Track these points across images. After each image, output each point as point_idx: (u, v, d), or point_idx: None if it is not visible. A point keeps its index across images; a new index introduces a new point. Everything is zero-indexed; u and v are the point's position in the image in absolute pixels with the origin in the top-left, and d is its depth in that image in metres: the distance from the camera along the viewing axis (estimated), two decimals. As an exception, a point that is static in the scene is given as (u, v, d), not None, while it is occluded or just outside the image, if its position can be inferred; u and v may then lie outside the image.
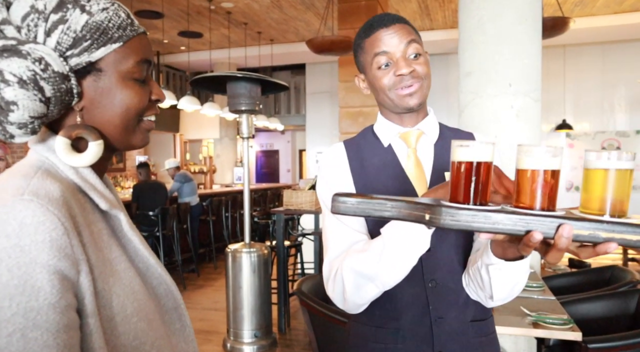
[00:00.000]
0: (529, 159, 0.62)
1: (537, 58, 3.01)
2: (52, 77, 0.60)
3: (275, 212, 3.85)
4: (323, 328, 2.16)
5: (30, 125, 0.61)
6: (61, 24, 0.62)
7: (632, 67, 8.09)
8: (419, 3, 6.97)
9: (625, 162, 0.59)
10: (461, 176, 0.65)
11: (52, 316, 0.53)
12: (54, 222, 0.55)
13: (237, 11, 7.21)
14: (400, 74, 0.98)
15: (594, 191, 0.60)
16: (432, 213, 0.63)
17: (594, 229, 0.58)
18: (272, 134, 13.82)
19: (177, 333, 0.74)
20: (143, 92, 0.69)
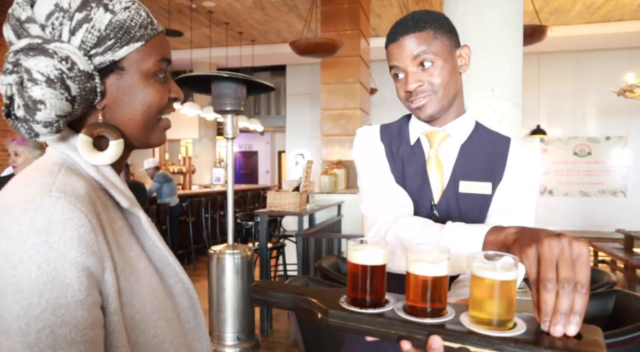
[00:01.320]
0: (416, 266, 0.64)
1: (518, 64, 3.09)
2: (78, 76, 0.60)
3: (258, 213, 3.84)
4: (311, 330, 2.17)
5: (55, 124, 0.61)
6: (86, 23, 0.62)
7: (603, 76, 8.37)
8: (400, 7, 7.06)
9: (510, 273, 0.59)
10: (356, 276, 0.69)
11: (80, 313, 0.53)
12: (81, 219, 0.55)
13: (219, 11, 7.16)
14: (407, 91, 0.99)
15: (480, 298, 0.61)
16: (322, 314, 0.68)
17: (462, 343, 0.59)
18: (251, 135, 13.75)
19: (192, 332, 0.74)
20: (164, 90, 0.70)
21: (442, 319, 0.63)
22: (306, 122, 10.17)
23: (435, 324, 0.62)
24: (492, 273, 0.59)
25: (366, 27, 6.55)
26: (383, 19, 7.61)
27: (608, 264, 6.15)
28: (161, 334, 0.64)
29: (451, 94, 1.01)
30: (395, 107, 9.38)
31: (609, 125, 8.63)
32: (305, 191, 4.04)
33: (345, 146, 6.26)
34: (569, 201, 8.74)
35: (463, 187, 1.02)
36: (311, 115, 10.03)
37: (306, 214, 4.08)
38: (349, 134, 6.23)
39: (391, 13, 7.30)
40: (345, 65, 6.18)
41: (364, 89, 6.49)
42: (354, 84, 6.21)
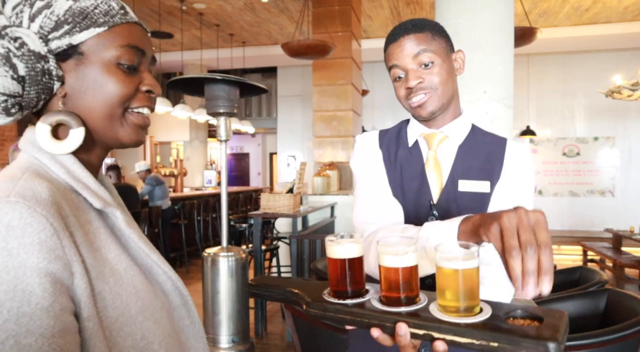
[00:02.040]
0: (387, 257, 0.68)
1: (509, 66, 3.12)
2: (26, 55, 0.59)
3: (252, 215, 3.83)
4: (307, 331, 2.17)
5: (2, 104, 0.60)
6: (45, 9, 0.62)
7: (591, 77, 8.48)
8: (391, 9, 7.10)
9: (472, 262, 0.62)
10: (337, 269, 0.73)
11: (45, 320, 0.51)
12: (42, 223, 0.53)
13: (209, 12, 7.15)
14: (408, 87, 1.02)
15: (444, 287, 0.64)
16: (307, 305, 0.73)
17: (428, 329, 0.62)
18: (243, 136, 13.72)
19: (187, 329, 0.73)
20: (128, 80, 0.66)
21: (412, 308, 0.66)
22: (297, 123, 10.17)
23: (401, 312, 0.65)
24: (453, 263, 0.62)
25: (357, 29, 6.58)
26: (374, 21, 7.65)
27: (597, 263, 6.22)
28: (149, 335, 0.62)
29: (449, 93, 1.04)
30: (387, 108, 9.42)
31: (597, 126, 8.75)
32: (299, 193, 4.04)
33: (337, 148, 6.27)
34: (558, 201, 8.84)
35: (462, 186, 1.04)
36: (302, 117, 10.04)
37: (300, 216, 4.09)
38: (341, 135, 6.25)
39: (382, 15, 7.33)
40: (336, 67, 6.20)
41: (356, 90, 6.51)
42: (346, 86, 6.23)
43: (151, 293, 0.65)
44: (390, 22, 7.66)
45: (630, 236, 5.54)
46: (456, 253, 0.63)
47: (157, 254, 0.70)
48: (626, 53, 8.30)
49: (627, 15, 7.18)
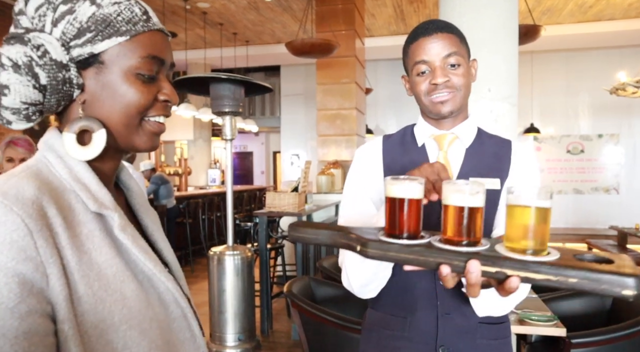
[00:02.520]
0: (453, 196, 0.67)
1: (514, 64, 3.12)
2: (48, 64, 0.60)
3: (258, 214, 3.85)
4: (314, 329, 2.18)
5: (24, 111, 0.61)
6: (68, 15, 0.61)
7: (595, 74, 8.45)
8: (394, 7, 7.09)
9: (545, 201, 0.62)
10: (395, 210, 0.71)
11: (9, 321, 0.50)
12: (15, 223, 0.52)
13: (213, 12, 7.16)
14: (435, 83, 1.02)
15: (516, 227, 0.63)
16: (362, 246, 0.70)
17: (499, 267, 0.61)
18: (246, 135, 13.73)
19: (187, 342, 0.70)
20: (147, 89, 0.66)
21: (479, 248, 0.65)
22: (301, 122, 10.18)
23: (472, 251, 0.64)
24: (528, 201, 0.62)
25: (361, 27, 6.58)
26: (377, 19, 7.64)
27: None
28: (132, 345, 0.59)
29: (467, 97, 1.06)
30: (390, 107, 9.42)
31: (601, 123, 8.72)
32: (304, 192, 4.05)
33: (341, 146, 6.28)
34: (562, 198, 8.82)
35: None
36: (306, 115, 10.04)
37: (305, 215, 4.10)
38: (345, 134, 6.25)
39: (385, 13, 7.33)
40: (340, 66, 6.21)
41: (360, 89, 6.52)
42: (350, 84, 6.23)
43: (142, 302, 0.62)
44: (394, 21, 7.65)
45: (635, 233, 5.53)
46: (533, 192, 0.63)
47: (155, 263, 0.67)
48: (630, 50, 8.26)
49: (631, 12, 7.15)
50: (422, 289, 1.05)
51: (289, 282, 2.41)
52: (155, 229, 0.78)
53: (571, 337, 1.86)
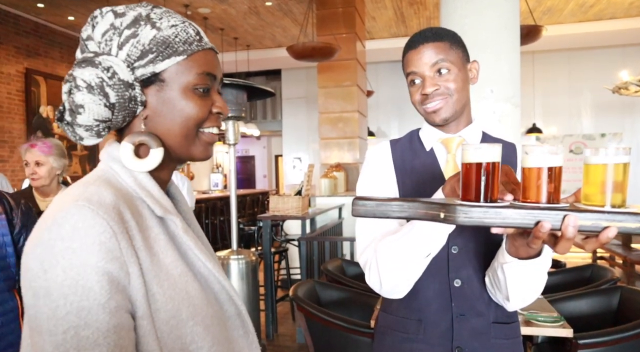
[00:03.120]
0: (532, 157, 0.67)
1: (516, 65, 3.12)
2: (117, 84, 0.65)
3: (261, 218, 3.85)
4: (320, 333, 2.18)
5: (95, 128, 0.67)
6: (132, 38, 0.67)
7: (597, 74, 8.43)
8: (394, 10, 7.10)
9: (623, 156, 0.64)
10: (472, 175, 0.70)
11: (101, 315, 0.55)
12: (102, 226, 0.58)
13: (214, 17, 7.18)
14: (424, 94, 1.04)
15: (594, 184, 0.65)
16: (446, 212, 0.68)
17: (596, 219, 0.63)
18: (248, 139, 13.75)
19: (241, 340, 0.75)
20: (203, 103, 0.71)
21: (564, 205, 0.66)
22: (302, 125, 10.19)
23: (564, 207, 0.65)
24: (605, 158, 0.64)
25: (361, 30, 6.59)
26: (378, 22, 7.65)
27: (607, 261, 6.19)
28: (199, 340, 0.64)
29: (463, 101, 1.06)
30: (392, 109, 9.42)
31: (603, 122, 8.70)
32: (307, 195, 4.05)
33: (343, 149, 6.28)
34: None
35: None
36: (307, 119, 10.05)
37: (308, 218, 4.10)
38: (347, 136, 6.25)
39: (386, 15, 7.34)
40: (341, 69, 6.21)
41: (361, 91, 6.52)
42: (351, 87, 6.24)
43: (204, 300, 0.67)
44: (394, 23, 7.66)
45: (640, 233, 5.50)
46: (607, 149, 0.64)
47: (213, 263, 0.72)
48: (632, 49, 8.25)
49: (633, 11, 7.14)
50: (436, 291, 1.06)
51: (294, 286, 2.41)
52: (201, 236, 0.83)
53: (578, 338, 1.86)
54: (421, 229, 0.92)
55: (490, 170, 0.70)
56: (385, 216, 0.72)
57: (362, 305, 2.42)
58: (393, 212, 0.72)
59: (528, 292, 0.98)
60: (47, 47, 7.39)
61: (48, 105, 7.46)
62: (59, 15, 6.95)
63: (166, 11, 0.72)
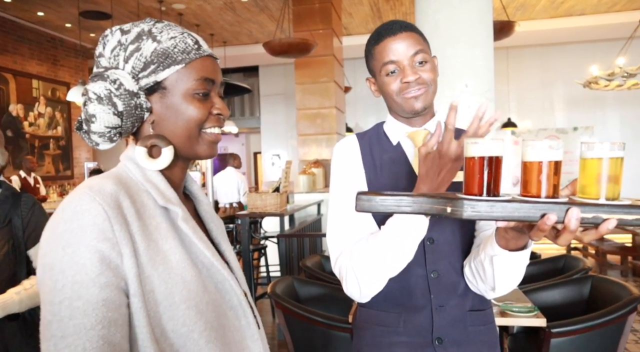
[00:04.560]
0: (533, 151, 0.69)
1: (489, 60, 3.16)
2: (123, 94, 0.73)
3: (239, 215, 3.82)
4: (300, 329, 2.18)
5: (107, 134, 0.75)
6: (136, 52, 0.75)
7: (569, 68, 8.62)
8: (370, 6, 7.12)
9: (617, 151, 0.67)
10: (476, 170, 0.71)
11: (91, 289, 0.62)
12: (97, 210, 0.65)
13: (189, 13, 7.09)
14: (407, 82, 1.03)
15: (590, 178, 0.68)
16: (453, 206, 0.68)
17: (596, 212, 0.66)
18: (226, 137, 13.63)
19: (243, 330, 0.78)
20: (203, 106, 0.78)
21: (565, 199, 0.68)
22: (281, 122, 10.15)
23: (567, 201, 0.67)
24: (600, 152, 0.67)
25: (338, 26, 6.59)
26: (354, 18, 7.66)
27: (579, 251, 6.35)
28: (190, 323, 0.69)
29: (435, 92, 1.07)
30: (370, 105, 9.45)
31: (576, 116, 8.91)
32: (285, 192, 4.04)
33: (322, 145, 6.28)
34: (540, 191, 8.96)
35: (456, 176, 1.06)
36: (286, 115, 10.02)
37: (287, 215, 4.09)
38: (325, 133, 6.25)
39: (362, 11, 7.35)
40: (318, 65, 6.21)
41: (339, 87, 6.53)
42: (329, 83, 6.24)
43: (200, 287, 0.72)
44: (371, 19, 7.68)
45: (611, 223, 5.65)
46: (603, 144, 0.66)
47: (211, 253, 0.76)
48: (602, 44, 8.45)
49: (601, 7, 7.32)
50: (414, 284, 1.06)
51: (272, 283, 2.40)
52: (219, 234, 0.89)
53: (551, 327, 1.90)
54: (397, 227, 0.92)
55: (494, 164, 0.71)
56: (390, 211, 0.73)
57: (341, 301, 2.43)
58: (397, 207, 0.72)
59: (512, 282, 0.99)
60: (16, 44, 7.18)
61: (18, 104, 7.25)
62: (27, 10, 6.76)
63: (167, 25, 0.79)
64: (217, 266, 0.76)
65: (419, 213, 0.72)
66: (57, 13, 6.91)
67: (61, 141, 8.21)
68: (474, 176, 0.71)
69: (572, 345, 1.94)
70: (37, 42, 7.51)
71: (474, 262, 1.01)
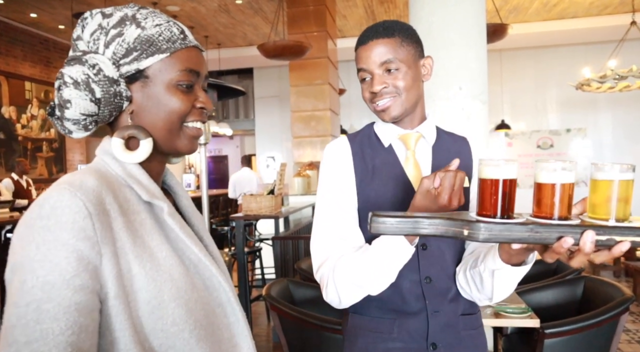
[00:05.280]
0: (546, 174, 0.71)
1: (483, 62, 3.18)
2: (102, 80, 0.69)
3: (234, 218, 3.81)
4: (294, 332, 2.18)
5: (82, 122, 0.70)
6: (118, 37, 0.71)
7: (562, 71, 8.68)
8: (365, 8, 7.14)
9: (628, 173, 0.69)
10: (490, 191, 0.73)
11: (64, 291, 0.57)
12: (78, 206, 0.61)
13: (183, 14, 7.08)
14: (372, 92, 1.04)
15: (601, 198, 0.69)
16: (470, 229, 0.70)
17: (609, 234, 0.67)
18: (221, 139, 13.61)
19: (232, 327, 0.76)
20: (186, 98, 0.75)
21: (576, 221, 0.70)
22: (275, 124, 10.14)
23: (581, 224, 0.68)
24: (611, 174, 0.68)
25: (332, 29, 6.60)
26: (349, 20, 7.68)
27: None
28: (180, 322, 0.66)
29: (413, 99, 1.06)
30: (364, 107, 9.45)
31: (568, 118, 8.96)
32: (280, 194, 4.04)
33: (316, 147, 6.28)
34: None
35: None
36: (280, 117, 10.02)
37: (282, 217, 4.08)
38: (319, 135, 6.26)
39: (357, 14, 7.37)
40: (313, 67, 6.21)
41: (333, 90, 6.54)
42: (323, 86, 6.25)
43: (188, 284, 0.69)
44: (365, 21, 7.71)
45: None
46: (614, 166, 0.69)
47: (199, 248, 0.73)
48: (594, 46, 8.51)
49: (593, 10, 7.38)
50: (409, 291, 1.05)
51: (267, 285, 2.40)
52: (201, 228, 0.85)
53: (545, 328, 1.91)
54: (383, 250, 0.92)
55: (508, 186, 0.72)
56: (405, 233, 0.73)
57: (336, 302, 2.43)
58: (413, 229, 0.72)
59: (509, 291, 1.00)
60: (8, 46, 7.14)
61: (10, 106, 7.21)
62: (20, 12, 6.73)
63: (152, 11, 0.75)
64: (205, 262, 0.74)
65: (435, 235, 0.72)
66: (50, 15, 6.88)
67: (54, 143, 8.16)
68: (488, 198, 0.73)
69: (566, 345, 1.95)
70: (29, 44, 7.47)
71: (470, 272, 1.01)
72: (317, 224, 1.09)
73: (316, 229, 1.09)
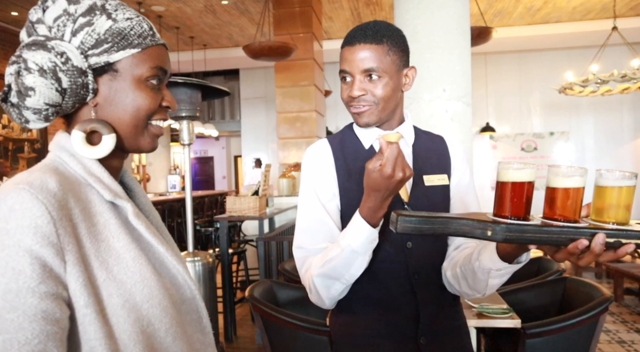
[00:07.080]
0: (558, 178, 0.75)
1: (467, 65, 3.20)
2: (70, 70, 0.66)
3: (218, 219, 3.79)
4: (277, 333, 2.16)
5: (44, 112, 0.67)
6: (87, 26, 0.68)
7: (545, 74, 8.80)
8: (351, 10, 7.16)
9: (630, 180, 0.74)
10: (508, 194, 0.77)
11: (29, 299, 0.54)
12: (40, 210, 0.57)
13: (169, 15, 7.02)
14: (350, 96, 1.03)
15: (604, 203, 0.74)
16: (492, 230, 0.74)
17: (617, 237, 0.73)
18: (206, 140, 13.52)
19: (194, 323, 0.76)
20: (155, 96, 0.74)
21: (586, 224, 0.74)
22: (261, 125, 10.12)
23: (593, 226, 0.73)
24: (614, 181, 0.73)
25: (318, 30, 6.60)
26: (335, 22, 7.70)
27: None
28: (155, 322, 0.65)
29: (390, 108, 1.06)
30: (350, 109, 9.49)
31: (552, 121, 9.09)
32: (264, 195, 4.02)
33: (302, 149, 6.27)
34: (518, 194, 9.10)
35: (427, 181, 1.09)
36: (266, 118, 9.99)
37: (266, 218, 4.07)
38: (305, 136, 6.25)
39: (343, 16, 7.39)
40: (299, 68, 6.21)
41: (319, 91, 6.54)
42: (309, 87, 6.24)
43: (159, 283, 0.68)
44: (351, 23, 7.73)
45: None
46: (616, 174, 0.74)
47: (166, 247, 0.72)
48: (577, 51, 8.65)
49: (576, 15, 7.49)
50: (398, 287, 1.06)
51: (250, 286, 2.38)
52: (160, 226, 0.84)
53: (526, 328, 1.93)
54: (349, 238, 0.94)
55: (526, 189, 0.76)
56: (429, 233, 0.77)
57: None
58: (437, 229, 0.76)
59: (500, 285, 1.03)
60: (-11, 44, 7.01)
61: (-9, 105, 7.08)
62: (0, 10, 6.61)
63: (120, 4, 0.73)
64: (171, 260, 0.73)
65: (459, 235, 0.77)
66: (32, 13, 6.77)
67: (36, 144, 8.03)
68: (505, 199, 0.77)
69: (547, 345, 1.97)
70: (10, 43, 7.34)
71: (462, 269, 1.02)
72: (299, 228, 1.09)
73: (298, 232, 1.09)
